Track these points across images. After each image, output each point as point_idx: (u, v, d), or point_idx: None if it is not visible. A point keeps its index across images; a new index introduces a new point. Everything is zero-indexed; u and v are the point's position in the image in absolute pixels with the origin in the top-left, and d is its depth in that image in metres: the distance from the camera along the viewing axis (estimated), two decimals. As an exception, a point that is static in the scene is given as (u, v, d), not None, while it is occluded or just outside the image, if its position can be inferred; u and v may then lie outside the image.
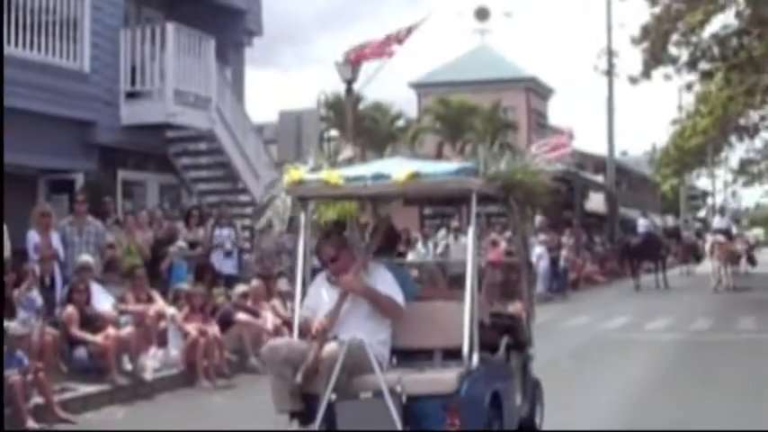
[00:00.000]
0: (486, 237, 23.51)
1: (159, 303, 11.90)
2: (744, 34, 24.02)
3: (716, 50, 23.94)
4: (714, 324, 17.12)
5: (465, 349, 5.86)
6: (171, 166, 17.49)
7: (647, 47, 22.99)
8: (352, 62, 16.58)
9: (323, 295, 6.18)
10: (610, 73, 34.43)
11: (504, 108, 39.84)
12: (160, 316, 11.61)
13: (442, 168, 6.35)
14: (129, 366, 10.63)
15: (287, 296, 13.69)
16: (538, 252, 24.13)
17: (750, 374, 11.10)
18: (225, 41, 18.63)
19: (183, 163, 17.63)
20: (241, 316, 12.51)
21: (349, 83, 16.86)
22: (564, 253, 26.09)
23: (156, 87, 15.85)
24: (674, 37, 23.40)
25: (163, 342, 11.57)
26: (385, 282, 6.16)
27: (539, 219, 24.13)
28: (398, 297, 6.16)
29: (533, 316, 7.53)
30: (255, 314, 12.78)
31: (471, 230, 6.33)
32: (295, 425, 5.92)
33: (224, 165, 17.52)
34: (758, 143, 36.42)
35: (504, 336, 6.75)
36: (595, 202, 39.78)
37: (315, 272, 6.63)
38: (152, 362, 11.06)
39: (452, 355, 6.02)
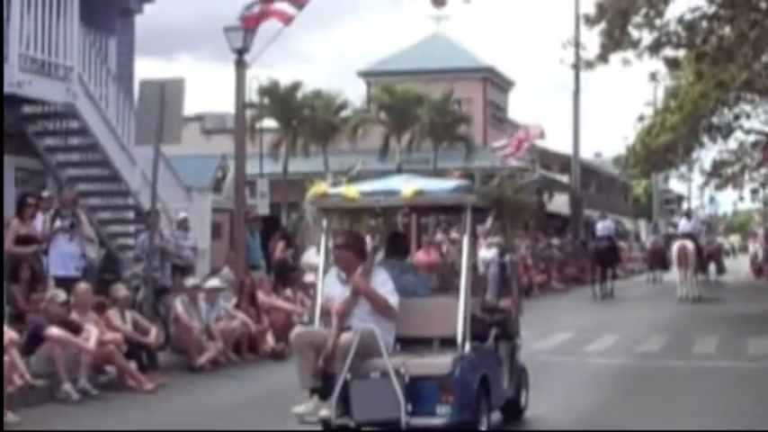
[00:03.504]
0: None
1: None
2: (714, 18, 21.49)
3: (683, 35, 21.36)
4: (666, 345, 14.65)
5: (459, 338, 7.02)
6: (32, 147, 14.82)
7: (605, 28, 20.44)
8: (246, 25, 13.96)
9: (335, 289, 7.25)
10: (576, 66, 31.78)
11: (459, 99, 37.04)
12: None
13: (442, 186, 7.61)
14: None
15: (125, 304, 11.10)
16: (488, 256, 21.55)
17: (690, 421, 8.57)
18: (108, 7, 16.05)
19: (46, 144, 14.97)
20: (54, 331, 9.86)
21: (240, 52, 14.22)
22: (508, 257, 23.51)
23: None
24: (636, 19, 20.84)
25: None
26: (383, 285, 7.16)
27: (490, 220, 21.84)
28: (392, 299, 7.15)
29: (521, 310, 9.12)
30: (76, 329, 10.11)
31: (466, 238, 7.34)
32: (315, 400, 6.91)
33: (95, 148, 14.86)
34: (732, 144, 34.01)
35: (494, 327, 7.83)
36: (559, 203, 37.34)
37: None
38: None
39: (448, 343, 7.12)
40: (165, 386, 10.79)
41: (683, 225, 25.02)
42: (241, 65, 14.38)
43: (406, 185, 7.37)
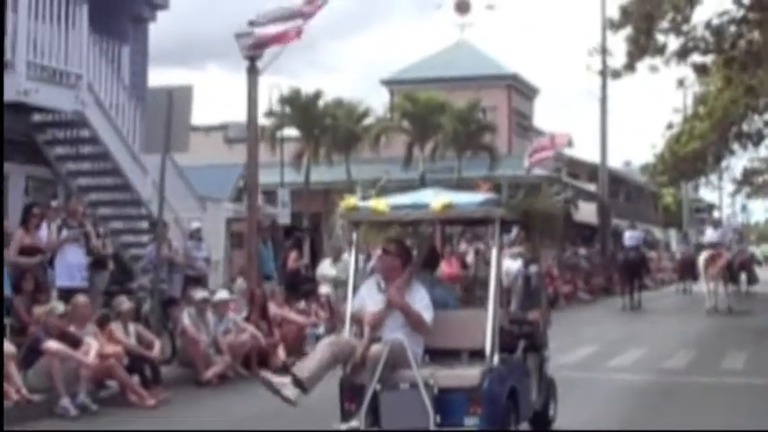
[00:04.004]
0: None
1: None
2: (742, 22, 20.92)
3: (710, 40, 20.80)
4: (694, 360, 14.10)
5: (487, 350, 7.06)
6: (43, 156, 14.58)
7: (630, 33, 19.94)
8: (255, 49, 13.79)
9: (370, 297, 7.30)
10: (604, 73, 31.35)
11: (483, 108, 36.40)
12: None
13: (471, 199, 7.72)
14: None
15: (129, 317, 10.77)
16: (513, 268, 20.94)
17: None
18: (119, 15, 15.83)
19: (57, 153, 14.72)
20: (52, 344, 9.55)
21: (252, 60, 13.92)
22: (534, 268, 22.98)
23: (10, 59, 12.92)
24: (663, 24, 20.32)
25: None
26: (420, 301, 7.23)
27: (515, 230, 21.35)
28: (427, 315, 7.21)
29: (550, 322, 9.06)
30: (75, 342, 9.80)
31: (495, 251, 7.43)
32: (291, 386, 6.84)
33: (106, 156, 14.60)
34: (763, 151, 33.27)
35: (522, 339, 7.89)
36: (586, 212, 36.68)
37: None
38: None
39: (477, 355, 7.18)
40: (168, 401, 10.43)
41: (710, 235, 24.46)
42: (253, 72, 14.08)
43: (435, 199, 7.49)
